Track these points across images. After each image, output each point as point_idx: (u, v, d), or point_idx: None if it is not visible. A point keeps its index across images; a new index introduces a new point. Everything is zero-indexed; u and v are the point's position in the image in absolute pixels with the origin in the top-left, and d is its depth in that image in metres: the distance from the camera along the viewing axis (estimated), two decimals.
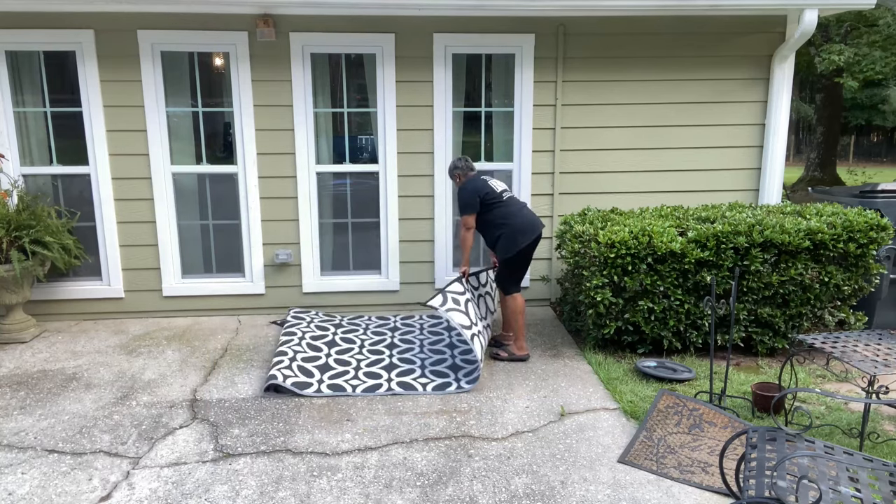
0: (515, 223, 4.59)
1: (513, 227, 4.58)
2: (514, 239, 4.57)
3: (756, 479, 2.50)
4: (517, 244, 4.57)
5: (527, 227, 4.60)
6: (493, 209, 4.61)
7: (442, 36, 5.47)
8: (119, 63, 5.31)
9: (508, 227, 4.58)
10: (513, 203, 4.68)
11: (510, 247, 4.58)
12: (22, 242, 4.90)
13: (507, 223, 4.59)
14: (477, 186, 4.62)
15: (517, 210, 4.64)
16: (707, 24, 5.64)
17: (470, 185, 4.64)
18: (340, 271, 5.94)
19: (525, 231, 4.59)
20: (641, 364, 4.46)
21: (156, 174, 5.50)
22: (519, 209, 4.66)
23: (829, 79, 16.18)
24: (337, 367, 4.53)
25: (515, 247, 4.57)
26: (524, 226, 4.60)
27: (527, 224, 4.61)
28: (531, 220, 4.65)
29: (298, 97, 5.48)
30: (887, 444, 3.47)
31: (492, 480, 3.18)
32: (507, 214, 4.60)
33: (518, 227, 4.58)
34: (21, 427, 3.74)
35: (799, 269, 4.50)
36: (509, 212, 4.61)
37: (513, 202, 4.69)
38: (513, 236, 4.57)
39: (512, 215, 4.60)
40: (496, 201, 4.62)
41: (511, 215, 4.61)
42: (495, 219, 4.61)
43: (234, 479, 3.19)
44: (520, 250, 4.57)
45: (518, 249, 4.57)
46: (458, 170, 4.83)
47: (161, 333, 5.35)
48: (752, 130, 5.85)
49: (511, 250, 4.58)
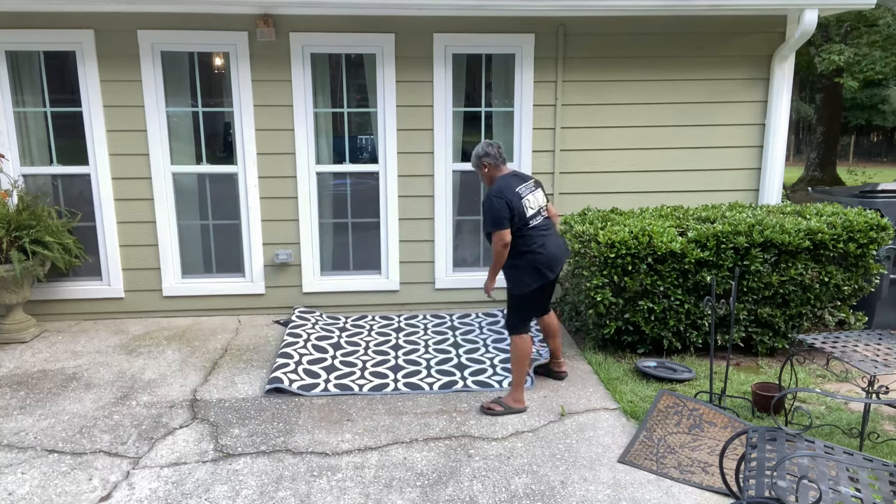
0: (541, 254, 3.78)
1: (536, 258, 3.78)
2: (535, 273, 3.79)
3: (756, 479, 2.50)
4: (538, 279, 3.81)
5: (552, 259, 3.82)
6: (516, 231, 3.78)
7: (442, 36, 5.47)
8: (119, 63, 5.31)
9: (531, 256, 3.78)
10: (542, 227, 3.84)
11: (527, 281, 3.81)
12: (22, 242, 4.90)
13: (531, 252, 3.78)
14: (510, 199, 3.72)
15: (543, 235, 3.82)
16: (707, 24, 5.64)
17: (503, 195, 3.72)
18: (340, 271, 5.94)
19: (552, 264, 3.82)
20: (641, 364, 4.46)
21: (156, 174, 5.50)
22: (547, 234, 3.85)
23: (829, 79, 16.18)
24: (343, 368, 4.53)
25: (535, 282, 3.82)
26: (550, 258, 3.81)
27: (553, 255, 3.82)
28: (559, 249, 3.89)
29: (298, 97, 5.48)
30: (887, 444, 3.47)
31: (492, 480, 3.18)
32: (531, 241, 3.78)
33: (544, 259, 3.78)
34: (21, 427, 3.74)
35: (799, 269, 4.50)
36: (534, 239, 3.79)
37: (542, 226, 3.85)
38: (534, 269, 3.79)
39: (538, 243, 3.78)
40: (523, 225, 3.76)
41: (536, 243, 3.78)
42: (516, 244, 3.78)
43: (234, 479, 3.19)
44: (541, 286, 3.86)
45: (538, 286, 3.84)
46: (488, 158, 3.89)
47: (161, 333, 5.35)
48: (752, 130, 5.85)
49: (528, 285, 3.81)
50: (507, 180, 3.81)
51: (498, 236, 3.70)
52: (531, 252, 3.77)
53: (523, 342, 3.87)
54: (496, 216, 3.69)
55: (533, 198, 3.85)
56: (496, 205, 3.70)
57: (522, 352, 3.87)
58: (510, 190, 3.75)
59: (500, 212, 3.68)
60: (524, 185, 3.84)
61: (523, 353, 3.87)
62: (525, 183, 3.86)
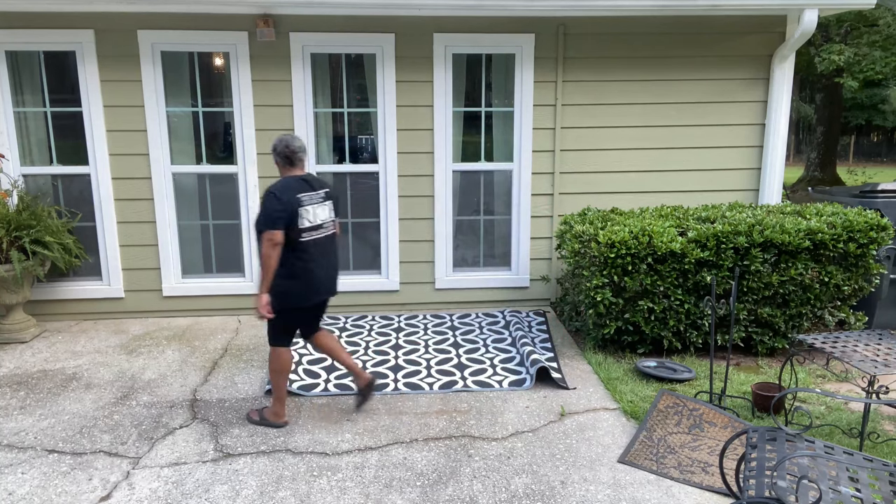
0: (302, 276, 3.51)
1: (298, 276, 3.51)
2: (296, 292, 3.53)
3: (756, 479, 2.50)
4: (296, 299, 3.55)
5: (317, 283, 3.57)
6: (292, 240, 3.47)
7: (442, 36, 5.47)
8: (119, 63, 5.31)
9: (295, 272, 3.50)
10: (318, 244, 3.56)
11: (287, 296, 3.52)
12: (22, 242, 4.90)
13: (295, 268, 3.49)
14: (288, 201, 3.41)
15: (315, 254, 3.54)
16: (707, 24, 5.64)
17: (282, 195, 3.42)
18: (340, 271, 5.93)
19: (312, 290, 3.57)
20: (641, 364, 4.46)
21: (156, 174, 5.50)
22: (321, 254, 3.58)
23: (829, 79, 16.18)
24: (343, 369, 4.53)
25: (294, 301, 3.55)
26: (314, 282, 3.56)
27: (317, 280, 3.57)
28: (328, 275, 3.64)
29: (298, 97, 5.48)
30: (887, 444, 3.47)
31: (492, 480, 3.18)
32: (299, 257, 3.49)
33: (304, 282, 3.53)
34: (21, 427, 3.74)
35: (799, 269, 4.50)
36: (304, 255, 3.50)
37: (319, 243, 3.56)
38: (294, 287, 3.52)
39: (304, 261, 3.51)
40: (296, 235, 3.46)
41: (302, 260, 3.50)
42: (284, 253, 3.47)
43: (234, 479, 3.19)
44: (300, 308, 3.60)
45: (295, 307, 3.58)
46: (276, 155, 3.59)
47: (161, 333, 5.35)
48: (752, 130, 5.85)
49: (287, 300, 3.53)
50: (292, 182, 3.51)
51: (268, 235, 3.38)
52: (295, 268, 3.50)
53: (280, 355, 3.65)
54: (269, 214, 3.39)
55: (316, 210, 3.54)
56: (271, 203, 3.41)
57: (280, 365, 3.66)
58: (290, 191, 3.46)
59: (274, 212, 3.39)
60: (311, 193, 3.53)
61: (280, 367, 3.66)
62: (313, 192, 3.55)
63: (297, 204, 3.45)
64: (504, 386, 4.25)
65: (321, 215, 3.58)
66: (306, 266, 3.52)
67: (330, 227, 3.66)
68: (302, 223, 3.47)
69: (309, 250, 3.52)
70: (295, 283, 3.51)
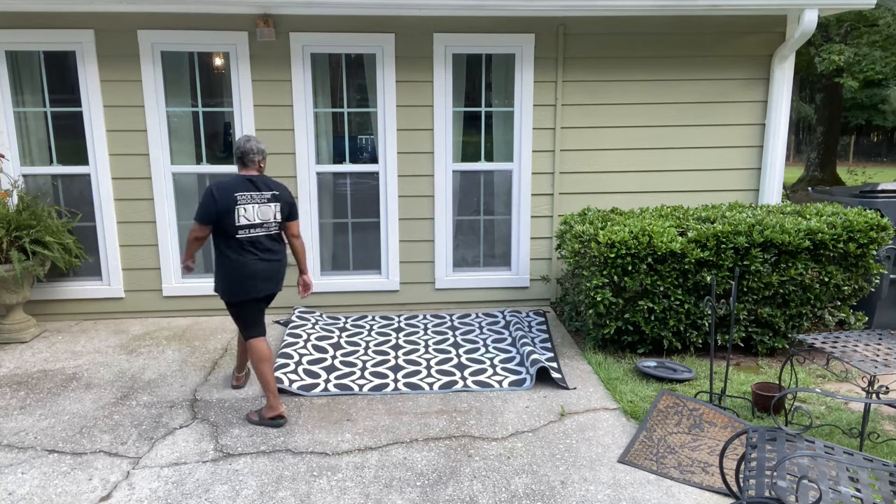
0: (236, 270, 3.63)
1: (231, 270, 3.64)
2: (229, 284, 3.66)
3: (756, 479, 2.50)
4: (229, 292, 3.68)
5: (248, 278, 3.65)
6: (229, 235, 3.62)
7: (442, 36, 5.47)
8: (119, 63, 5.31)
9: (228, 266, 3.64)
10: (253, 243, 3.66)
11: (223, 287, 3.68)
12: (22, 242, 4.90)
13: (229, 261, 3.64)
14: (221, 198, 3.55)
15: (248, 251, 3.66)
16: (707, 24, 5.64)
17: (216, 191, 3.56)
18: (340, 271, 5.94)
19: (256, 284, 3.67)
20: (641, 364, 4.46)
21: (156, 174, 5.50)
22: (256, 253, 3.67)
23: (829, 79, 16.18)
24: (343, 368, 4.53)
25: (227, 294, 3.69)
26: (245, 277, 3.65)
27: (249, 275, 3.65)
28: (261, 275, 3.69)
29: (298, 97, 5.49)
30: (887, 444, 3.47)
31: (492, 480, 3.18)
32: (233, 251, 3.63)
33: (237, 276, 3.64)
34: (21, 427, 3.74)
35: (799, 269, 4.50)
36: (239, 250, 3.64)
37: (254, 241, 3.66)
38: (228, 280, 3.65)
39: (236, 255, 3.63)
40: (231, 230, 3.60)
41: (236, 254, 3.63)
42: (220, 245, 3.66)
43: (234, 479, 3.19)
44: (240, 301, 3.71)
45: (230, 300, 3.71)
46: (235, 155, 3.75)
47: (161, 333, 5.35)
48: (752, 130, 5.85)
49: (224, 292, 3.69)
50: (235, 181, 3.64)
51: (194, 227, 3.60)
52: (231, 262, 3.63)
53: (255, 347, 3.73)
54: (200, 209, 3.58)
55: (256, 209, 3.65)
56: (206, 199, 3.57)
57: (259, 355, 3.73)
58: (228, 190, 3.58)
59: (206, 206, 3.56)
60: (253, 193, 3.65)
61: (260, 356, 3.73)
62: (256, 192, 3.66)
63: (232, 202, 3.58)
64: (504, 386, 4.25)
65: (263, 214, 3.69)
66: (241, 260, 3.65)
67: (273, 227, 3.75)
68: (238, 220, 3.60)
69: (245, 246, 3.65)
70: (232, 276, 3.66)
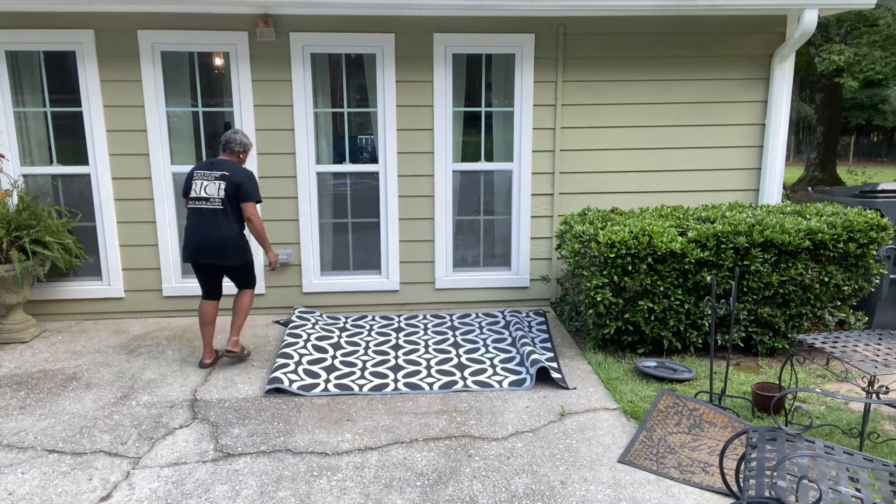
0: (187, 231, 4.42)
1: (186, 234, 4.43)
2: (184, 247, 4.46)
3: (756, 479, 2.50)
4: (186, 254, 4.43)
5: (190, 241, 4.41)
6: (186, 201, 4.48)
7: (442, 36, 5.47)
8: (119, 63, 5.31)
9: (185, 230, 4.45)
10: (199, 211, 4.37)
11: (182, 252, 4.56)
12: (22, 242, 4.90)
13: (187, 226, 4.43)
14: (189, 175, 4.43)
15: (195, 218, 4.38)
16: (707, 24, 5.64)
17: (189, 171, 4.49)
18: (340, 271, 5.94)
19: (189, 246, 4.41)
20: (641, 364, 4.46)
21: (156, 174, 5.50)
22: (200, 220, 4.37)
23: (829, 79, 16.18)
24: (343, 368, 4.53)
25: (185, 256, 4.45)
26: (189, 240, 4.40)
27: (191, 239, 4.40)
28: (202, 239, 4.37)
29: (298, 97, 5.49)
30: (887, 444, 3.47)
31: (492, 480, 3.18)
32: (188, 217, 4.42)
33: (187, 237, 4.42)
34: (21, 427, 3.74)
35: (799, 269, 4.50)
36: (190, 216, 4.41)
37: (200, 210, 4.37)
38: (184, 243, 4.45)
39: (188, 220, 4.41)
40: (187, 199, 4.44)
41: (188, 219, 4.41)
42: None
43: (234, 479, 3.19)
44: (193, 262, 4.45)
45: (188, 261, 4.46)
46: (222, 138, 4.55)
47: (161, 333, 5.35)
48: (752, 130, 5.85)
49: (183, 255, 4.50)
50: (202, 162, 4.47)
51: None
52: (185, 228, 4.45)
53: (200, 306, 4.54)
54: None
55: (204, 185, 4.36)
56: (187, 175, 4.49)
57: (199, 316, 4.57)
58: (193, 169, 4.43)
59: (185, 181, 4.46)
60: (206, 171, 4.39)
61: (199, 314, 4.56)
62: (208, 171, 4.39)
63: (190, 178, 4.42)
64: (504, 386, 4.25)
65: (208, 190, 4.35)
66: (188, 228, 4.41)
67: (217, 203, 4.35)
68: (191, 193, 4.39)
69: (192, 216, 4.39)
70: (184, 241, 4.45)
